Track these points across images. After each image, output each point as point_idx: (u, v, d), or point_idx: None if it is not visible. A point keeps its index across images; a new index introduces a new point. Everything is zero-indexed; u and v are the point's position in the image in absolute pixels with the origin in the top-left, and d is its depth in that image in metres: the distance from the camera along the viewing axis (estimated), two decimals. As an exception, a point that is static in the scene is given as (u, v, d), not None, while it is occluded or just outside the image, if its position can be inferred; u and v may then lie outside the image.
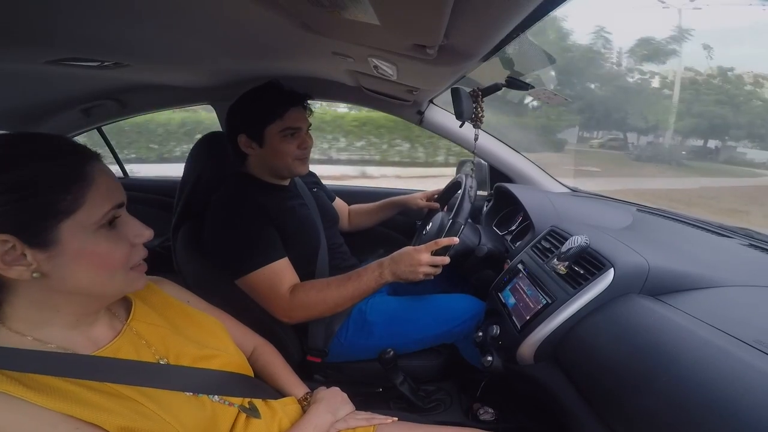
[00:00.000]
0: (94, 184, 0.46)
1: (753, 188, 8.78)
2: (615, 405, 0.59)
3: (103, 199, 0.47)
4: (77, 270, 0.46)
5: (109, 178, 0.49)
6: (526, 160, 1.52)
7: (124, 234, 0.50)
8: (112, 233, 0.49)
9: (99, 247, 0.47)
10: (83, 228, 0.46)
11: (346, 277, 0.97)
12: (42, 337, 0.48)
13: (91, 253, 0.46)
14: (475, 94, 1.05)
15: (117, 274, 0.50)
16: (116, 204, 0.49)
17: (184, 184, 1.13)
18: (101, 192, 0.47)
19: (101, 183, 0.47)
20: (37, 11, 0.61)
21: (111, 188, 0.49)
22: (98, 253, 0.47)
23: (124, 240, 0.50)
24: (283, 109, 1.00)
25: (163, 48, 0.91)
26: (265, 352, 0.81)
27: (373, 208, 1.48)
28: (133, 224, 0.52)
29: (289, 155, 1.03)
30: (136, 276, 0.53)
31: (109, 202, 0.48)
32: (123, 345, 0.54)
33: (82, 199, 0.45)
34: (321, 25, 0.69)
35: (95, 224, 0.46)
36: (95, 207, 0.46)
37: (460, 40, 0.55)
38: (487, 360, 0.89)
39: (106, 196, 0.47)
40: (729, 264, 0.79)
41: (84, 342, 0.51)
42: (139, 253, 0.53)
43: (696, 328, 0.56)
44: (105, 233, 0.48)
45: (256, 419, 0.62)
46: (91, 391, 0.46)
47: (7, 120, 1.60)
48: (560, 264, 0.82)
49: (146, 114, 1.93)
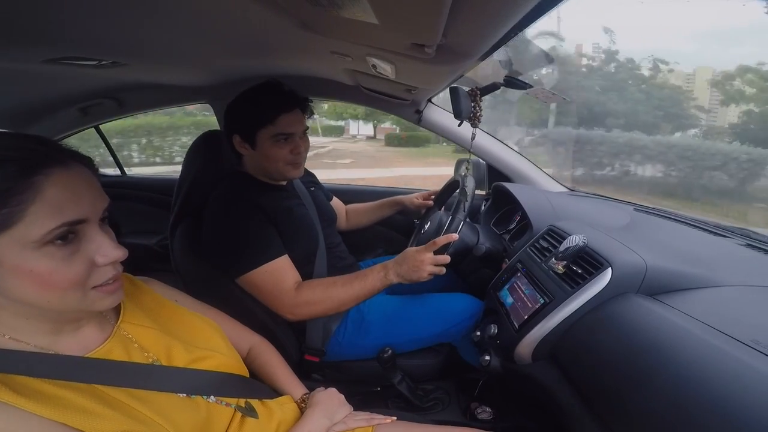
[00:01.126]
0: (40, 198, 0.41)
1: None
2: (612, 404, 0.59)
3: (50, 215, 0.41)
4: (18, 285, 0.42)
5: (65, 191, 0.43)
6: (525, 160, 1.53)
7: (84, 252, 0.45)
8: (63, 251, 0.43)
9: (39, 266, 0.42)
10: (20, 244, 0.41)
11: (352, 277, 0.97)
12: (30, 341, 0.46)
13: (29, 271, 0.41)
14: (474, 93, 1.05)
15: (69, 294, 0.44)
16: (69, 221, 0.43)
17: (182, 183, 1.12)
18: (49, 207, 0.41)
19: (51, 196, 0.41)
20: (34, 10, 0.61)
21: (65, 202, 0.43)
22: (38, 272, 0.42)
23: (81, 259, 0.44)
24: (274, 114, 0.98)
25: (160, 47, 0.91)
26: (262, 351, 0.80)
27: (371, 208, 1.48)
28: (100, 243, 0.46)
29: (281, 160, 1.02)
30: (99, 296, 0.47)
31: (58, 218, 0.42)
32: (114, 348, 0.52)
33: (22, 213, 0.40)
34: (319, 25, 0.69)
35: (37, 241, 0.41)
36: (37, 223, 0.41)
37: (458, 39, 0.55)
38: (485, 359, 0.90)
39: (55, 212, 0.42)
40: (726, 264, 0.79)
41: (73, 346, 0.49)
42: (104, 273, 0.47)
43: (693, 328, 0.56)
44: (52, 251, 0.42)
45: (252, 419, 0.61)
46: (82, 395, 0.45)
47: (4, 119, 1.60)
48: (558, 263, 0.82)
49: (145, 113, 1.92)
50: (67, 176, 0.43)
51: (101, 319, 0.54)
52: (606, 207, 1.29)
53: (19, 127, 1.65)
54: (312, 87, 1.48)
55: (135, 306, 0.60)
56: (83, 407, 0.44)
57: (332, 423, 0.70)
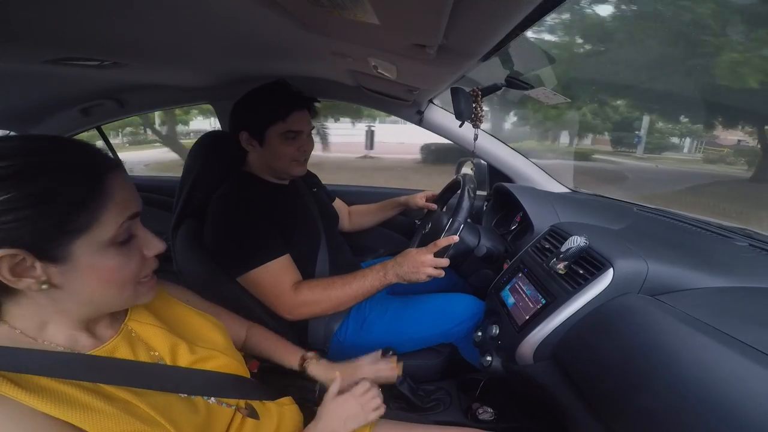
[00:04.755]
0: (112, 200, 0.45)
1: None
2: (614, 405, 0.59)
3: (119, 214, 0.46)
4: (87, 284, 0.46)
5: (126, 190, 0.47)
6: (526, 160, 1.52)
7: (136, 246, 0.49)
8: (125, 247, 0.47)
9: (111, 262, 0.46)
10: (97, 244, 0.44)
11: (351, 277, 0.97)
12: (44, 336, 0.47)
13: (103, 268, 0.46)
14: (475, 94, 1.05)
15: (126, 288, 0.49)
16: (131, 215, 0.47)
17: (184, 183, 1.13)
18: (118, 206, 0.45)
19: (118, 196, 0.46)
20: (35, 10, 0.61)
21: (127, 200, 0.47)
22: (110, 268, 0.46)
23: (136, 253, 0.49)
24: (286, 111, 1.00)
25: (162, 48, 0.91)
26: (255, 332, 0.84)
27: (373, 209, 1.48)
28: (146, 236, 0.51)
29: (288, 157, 1.03)
30: (144, 290, 0.52)
31: (124, 214, 0.46)
32: (120, 345, 0.53)
33: (99, 215, 0.44)
34: (320, 25, 0.69)
35: (110, 240, 0.45)
36: (111, 223, 0.45)
37: (459, 39, 0.55)
38: (487, 360, 0.90)
39: (122, 210, 0.46)
40: (728, 265, 0.79)
41: (86, 339, 0.50)
42: (150, 265, 0.52)
43: (695, 329, 0.56)
44: (118, 247, 0.47)
45: (252, 420, 0.61)
46: (86, 392, 0.45)
47: (5, 119, 1.60)
48: (560, 264, 0.82)
49: (145, 113, 1.92)
50: (121, 176, 0.48)
51: (111, 317, 0.55)
52: (607, 207, 1.29)
53: (20, 128, 1.65)
54: (313, 88, 1.48)
55: (142, 305, 0.59)
56: (87, 404, 0.44)
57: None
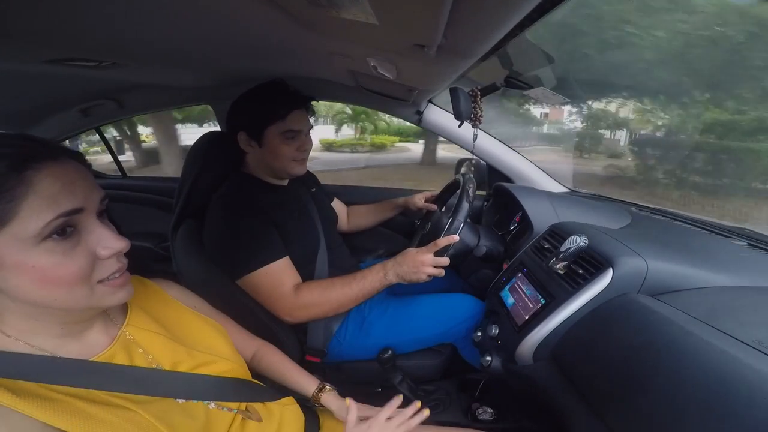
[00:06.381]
0: (33, 191, 0.40)
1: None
2: (613, 404, 0.59)
3: (45, 208, 0.41)
4: (22, 284, 0.41)
5: (57, 183, 0.42)
6: (525, 160, 1.52)
7: (85, 245, 0.44)
8: (63, 245, 0.42)
9: (40, 262, 0.41)
10: (19, 240, 0.40)
11: (350, 278, 0.97)
12: (35, 344, 0.46)
13: (31, 267, 0.41)
14: (474, 94, 1.05)
15: (77, 290, 0.44)
16: (64, 212, 0.42)
17: (183, 184, 1.13)
18: (42, 200, 0.40)
19: (43, 189, 0.41)
20: (35, 10, 0.61)
21: (59, 193, 0.42)
22: (40, 268, 0.41)
23: (83, 252, 0.44)
24: (285, 110, 1.00)
25: (161, 48, 0.91)
26: (267, 353, 0.80)
27: (372, 209, 1.48)
28: (101, 234, 0.45)
29: (287, 157, 1.03)
30: (108, 291, 0.47)
31: (53, 210, 0.41)
32: (117, 352, 0.52)
33: (16, 209, 0.39)
34: (320, 25, 0.69)
35: (35, 236, 0.40)
36: (33, 217, 0.40)
37: (458, 39, 0.55)
38: (486, 360, 0.89)
39: (50, 204, 0.41)
40: (727, 264, 0.79)
41: (79, 349, 0.49)
42: (109, 266, 0.47)
43: (694, 328, 0.56)
44: (51, 246, 0.41)
45: (253, 423, 0.61)
46: (83, 399, 0.44)
47: (5, 120, 1.60)
48: (559, 264, 0.82)
49: (145, 114, 1.92)
50: (58, 169, 0.43)
51: (107, 322, 0.54)
52: (607, 207, 1.29)
53: (19, 128, 1.65)
54: (312, 88, 1.47)
55: (141, 309, 0.59)
56: (84, 412, 0.43)
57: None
